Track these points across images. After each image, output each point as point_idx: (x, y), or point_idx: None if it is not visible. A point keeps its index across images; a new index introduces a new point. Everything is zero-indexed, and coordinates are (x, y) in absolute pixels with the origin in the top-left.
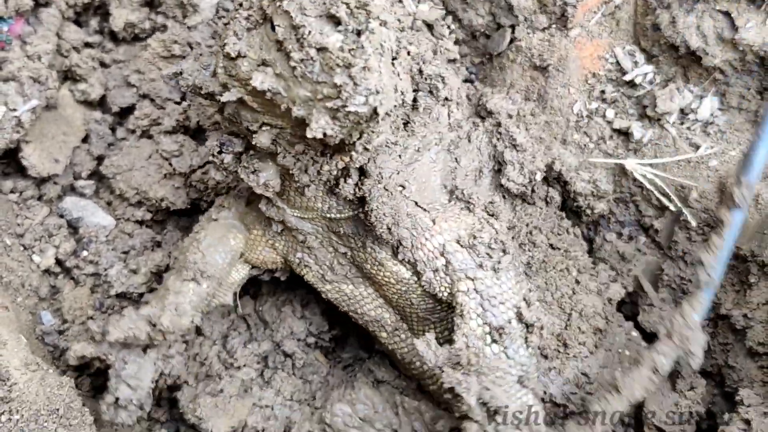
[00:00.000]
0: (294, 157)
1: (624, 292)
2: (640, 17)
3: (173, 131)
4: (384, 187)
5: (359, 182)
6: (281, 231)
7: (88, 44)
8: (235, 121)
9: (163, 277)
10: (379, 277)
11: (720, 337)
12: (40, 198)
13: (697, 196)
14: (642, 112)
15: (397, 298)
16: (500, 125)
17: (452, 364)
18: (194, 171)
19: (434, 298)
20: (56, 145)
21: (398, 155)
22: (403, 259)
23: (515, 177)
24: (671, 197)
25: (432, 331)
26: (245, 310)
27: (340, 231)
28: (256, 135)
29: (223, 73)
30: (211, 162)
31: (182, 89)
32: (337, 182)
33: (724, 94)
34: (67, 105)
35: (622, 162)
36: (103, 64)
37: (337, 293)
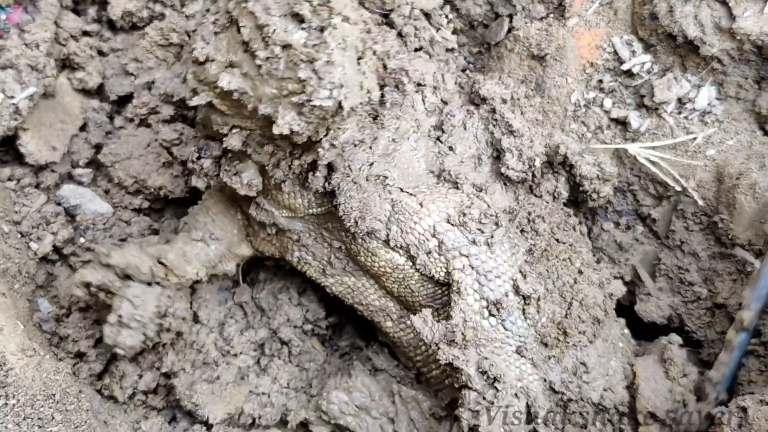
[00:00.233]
0: (266, 155)
1: (626, 289)
2: (637, 6)
3: (172, 120)
4: (353, 180)
5: (328, 176)
6: (276, 233)
7: (86, 33)
8: (206, 125)
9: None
10: (375, 268)
11: (717, 326)
12: (37, 186)
13: (695, 185)
14: (639, 101)
15: (397, 287)
16: (495, 111)
17: (448, 341)
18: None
19: (433, 281)
20: (54, 133)
21: (369, 147)
22: (396, 245)
23: (514, 164)
24: (677, 178)
25: (429, 309)
26: (242, 298)
27: (329, 226)
28: (226, 138)
29: (192, 79)
30: (192, 169)
31: (156, 98)
32: (306, 176)
33: (721, 84)
34: (65, 93)
35: (625, 147)
36: (101, 53)
37: (340, 286)
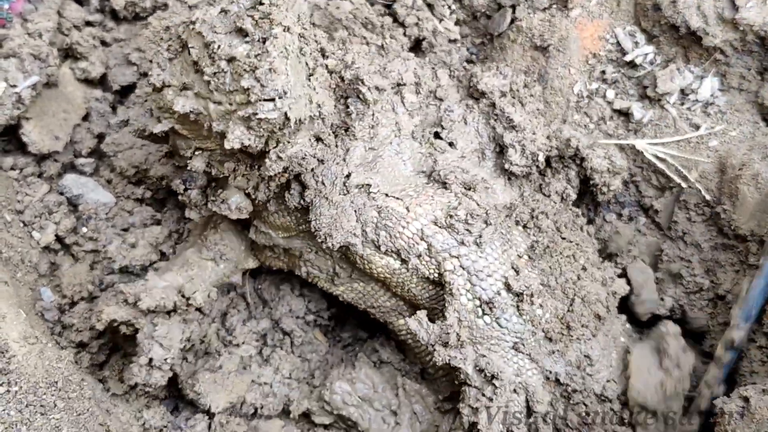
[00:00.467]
0: (240, 176)
1: (628, 288)
2: None
3: None
4: (325, 195)
5: (302, 193)
6: (283, 251)
7: (89, 23)
8: (175, 152)
9: (162, 251)
10: (375, 273)
11: (719, 317)
12: (40, 175)
13: (697, 176)
14: (642, 92)
15: (399, 291)
16: (495, 106)
17: (443, 342)
18: None
19: (430, 281)
20: (57, 122)
21: (342, 159)
22: (387, 250)
23: (517, 160)
24: (685, 174)
25: (424, 310)
26: (244, 288)
27: None
28: (190, 161)
29: (154, 107)
30: (183, 201)
31: (131, 134)
32: (282, 195)
33: (724, 75)
34: (68, 83)
35: (633, 143)
36: (103, 43)
37: (351, 293)
